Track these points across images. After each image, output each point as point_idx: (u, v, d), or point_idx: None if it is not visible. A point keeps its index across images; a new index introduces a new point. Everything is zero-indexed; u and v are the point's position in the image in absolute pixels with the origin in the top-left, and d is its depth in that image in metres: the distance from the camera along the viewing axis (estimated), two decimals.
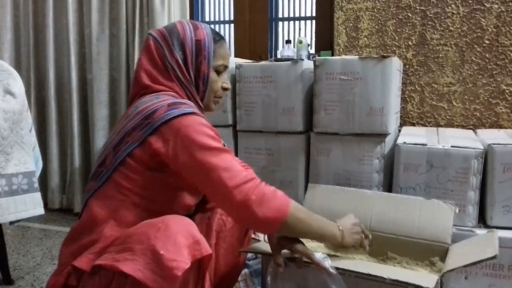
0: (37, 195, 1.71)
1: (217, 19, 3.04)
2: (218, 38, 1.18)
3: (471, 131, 2.06)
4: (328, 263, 1.06)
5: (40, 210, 1.71)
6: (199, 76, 1.15)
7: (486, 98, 2.16)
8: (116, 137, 1.07)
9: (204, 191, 1.08)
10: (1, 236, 1.75)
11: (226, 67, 1.21)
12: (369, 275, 1.04)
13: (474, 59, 2.16)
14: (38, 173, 1.77)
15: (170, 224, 0.93)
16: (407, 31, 2.25)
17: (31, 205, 1.67)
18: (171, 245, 0.89)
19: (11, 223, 1.68)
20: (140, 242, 0.91)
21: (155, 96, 1.09)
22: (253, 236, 1.36)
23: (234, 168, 1.00)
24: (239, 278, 1.49)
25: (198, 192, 1.19)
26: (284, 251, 1.11)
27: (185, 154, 1.00)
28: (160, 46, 1.15)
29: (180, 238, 0.90)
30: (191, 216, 1.20)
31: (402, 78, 2.23)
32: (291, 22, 2.84)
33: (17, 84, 1.71)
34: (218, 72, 1.19)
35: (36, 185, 1.71)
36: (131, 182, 1.04)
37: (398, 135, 1.89)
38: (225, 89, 1.22)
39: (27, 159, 1.68)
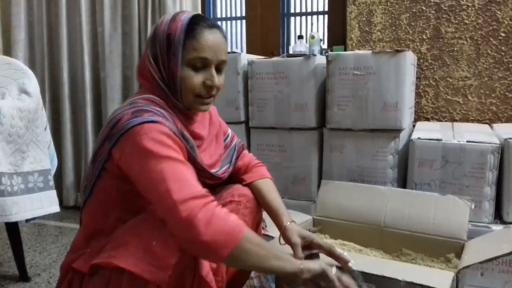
0: (53, 193, 1.73)
1: (228, 15, 3.03)
2: (193, 27, 1.01)
3: (487, 125, 2.03)
4: (348, 259, 1.05)
5: (56, 208, 1.73)
6: (170, 75, 1.02)
7: (502, 92, 2.12)
8: (94, 149, 1.05)
9: (152, 204, 0.93)
10: (17, 234, 1.77)
11: (204, 59, 1.02)
12: (383, 277, 1.04)
13: (489, 52, 2.13)
14: (53, 171, 1.79)
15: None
16: (421, 25, 2.22)
17: (47, 202, 1.69)
18: (162, 236, 0.89)
19: (27, 220, 1.70)
20: (132, 235, 0.91)
21: (131, 101, 1.02)
22: (264, 232, 1.35)
23: (186, 181, 0.90)
24: (252, 275, 1.49)
25: None
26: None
27: (136, 162, 0.92)
28: (146, 42, 1.10)
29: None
30: None
31: (416, 73, 2.20)
32: (303, 17, 2.82)
33: (32, 83, 1.73)
34: (195, 68, 1.02)
35: (52, 183, 1.72)
36: (108, 196, 1.03)
37: (413, 131, 1.87)
38: (208, 86, 1.04)
39: (42, 157, 1.69)
